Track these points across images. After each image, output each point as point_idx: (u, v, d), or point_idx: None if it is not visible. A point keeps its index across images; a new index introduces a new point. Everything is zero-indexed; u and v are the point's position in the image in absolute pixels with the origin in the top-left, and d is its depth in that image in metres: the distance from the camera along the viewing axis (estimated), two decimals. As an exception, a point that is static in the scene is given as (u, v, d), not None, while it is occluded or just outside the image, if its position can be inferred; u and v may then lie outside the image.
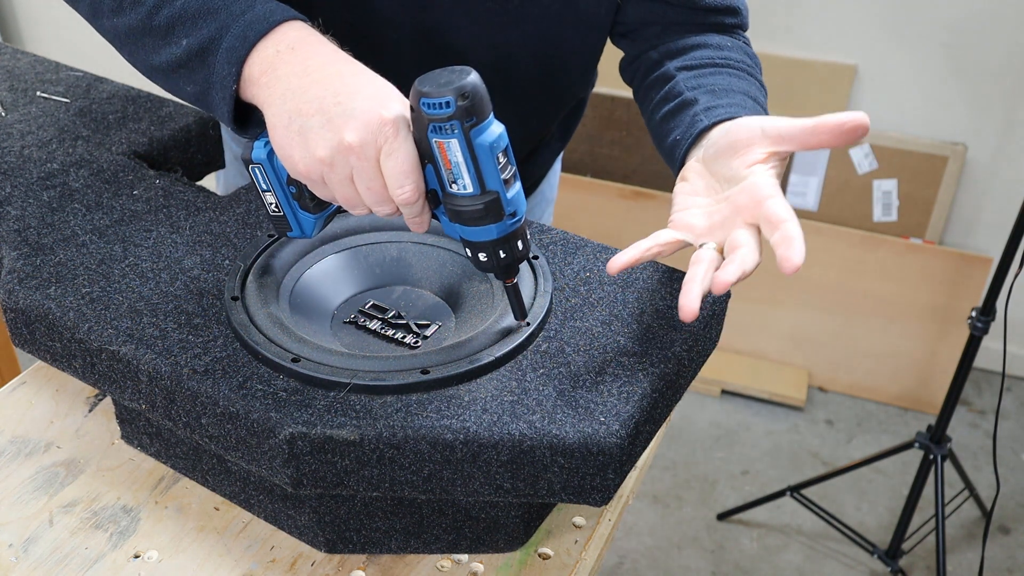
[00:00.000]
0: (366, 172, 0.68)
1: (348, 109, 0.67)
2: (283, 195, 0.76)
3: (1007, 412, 2.49)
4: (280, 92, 0.69)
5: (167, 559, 0.76)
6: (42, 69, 1.16)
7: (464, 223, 0.69)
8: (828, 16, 2.33)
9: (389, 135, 0.66)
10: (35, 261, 0.82)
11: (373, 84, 0.69)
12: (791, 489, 2.09)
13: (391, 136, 0.66)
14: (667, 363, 0.73)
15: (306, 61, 0.70)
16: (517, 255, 0.72)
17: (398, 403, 0.68)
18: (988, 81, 2.28)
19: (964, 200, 2.43)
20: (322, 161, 0.68)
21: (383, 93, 0.68)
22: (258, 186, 0.76)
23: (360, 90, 0.68)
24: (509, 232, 0.70)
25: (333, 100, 0.67)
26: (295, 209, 0.77)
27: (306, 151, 0.68)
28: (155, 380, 0.72)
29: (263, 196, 0.76)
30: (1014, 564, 2.09)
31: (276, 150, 0.71)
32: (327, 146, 0.67)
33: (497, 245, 0.70)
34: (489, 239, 0.70)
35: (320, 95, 0.68)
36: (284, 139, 0.69)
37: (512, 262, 0.72)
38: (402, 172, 0.67)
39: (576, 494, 0.69)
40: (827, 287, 2.47)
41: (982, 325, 1.77)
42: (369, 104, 0.67)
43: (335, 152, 0.67)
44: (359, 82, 0.69)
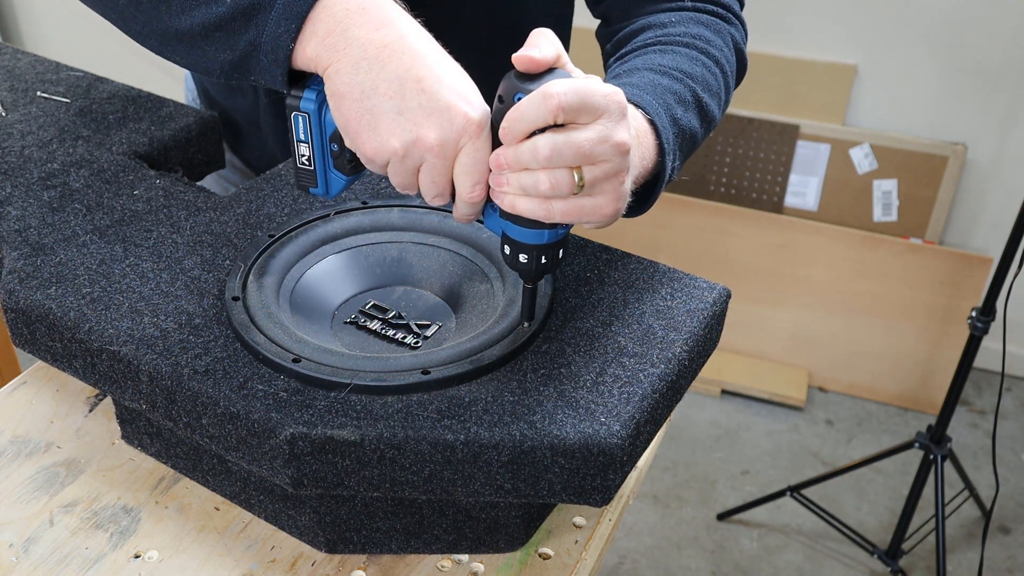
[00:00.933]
0: (438, 169, 0.65)
1: (432, 101, 0.63)
2: (320, 151, 0.72)
3: (1007, 412, 2.49)
4: (353, 59, 0.64)
5: (167, 559, 0.76)
6: (42, 69, 1.16)
7: (516, 223, 0.67)
8: (828, 16, 2.33)
9: (473, 135, 0.63)
10: (35, 261, 0.82)
11: (455, 74, 0.65)
12: (791, 489, 2.10)
13: (474, 137, 0.63)
14: (667, 363, 0.73)
15: (381, 28, 0.65)
16: (555, 262, 0.70)
17: (399, 403, 0.68)
18: (988, 81, 2.28)
19: (964, 200, 2.43)
20: (394, 151, 0.64)
21: (465, 87, 0.65)
22: (295, 135, 0.71)
23: (443, 79, 0.64)
24: (557, 240, 0.69)
25: (415, 86, 0.63)
26: (328, 167, 0.73)
27: (376, 135, 0.64)
28: (155, 380, 0.72)
29: (296, 146, 0.72)
30: (1014, 564, 2.09)
31: (339, 122, 0.66)
32: (403, 138, 0.64)
33: (542, 250, 0.69)
34: (538, 243, 0.68)
35: (401, 75, 0.63)
36: (353, 114, 0.65)
37: (548, 269, 0.70)
38: (477, 174, 0.64)
39: (576, 494, 0.69)
40: (827, 287, 2.47)
41: (982, 325, 1.77)
42: (454, 99, 0.63)
43: (411, 146, 0.64)
44: (442, 69, 0.64)
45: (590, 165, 0.63)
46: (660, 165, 0.77)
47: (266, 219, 0.88)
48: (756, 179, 2.52)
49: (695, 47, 0.86)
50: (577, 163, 0.62)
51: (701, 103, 0.82)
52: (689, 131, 0.81)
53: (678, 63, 0.83)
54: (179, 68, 1.07)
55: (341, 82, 0.65)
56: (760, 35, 2.41)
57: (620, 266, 0.83)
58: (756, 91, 2.45)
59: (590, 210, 0.65)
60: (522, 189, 0.64)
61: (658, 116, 0.76)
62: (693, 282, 0.81)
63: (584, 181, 0.63)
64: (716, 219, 2.50)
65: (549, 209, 0.64)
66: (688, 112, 0.80)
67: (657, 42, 0.87)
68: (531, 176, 0.63)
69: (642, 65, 0.83)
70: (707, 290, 0.81)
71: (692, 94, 0.81)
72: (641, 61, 0.84)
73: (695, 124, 0.81)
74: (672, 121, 0.78)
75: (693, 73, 0.83)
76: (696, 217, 2.52)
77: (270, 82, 0.70)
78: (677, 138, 0.78)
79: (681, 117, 0.79)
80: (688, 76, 0.82)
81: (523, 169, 0.63)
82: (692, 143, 0.82)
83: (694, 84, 0.82)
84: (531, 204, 0.64)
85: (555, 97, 0.60)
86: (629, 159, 0.65)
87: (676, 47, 0.86)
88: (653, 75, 0.81)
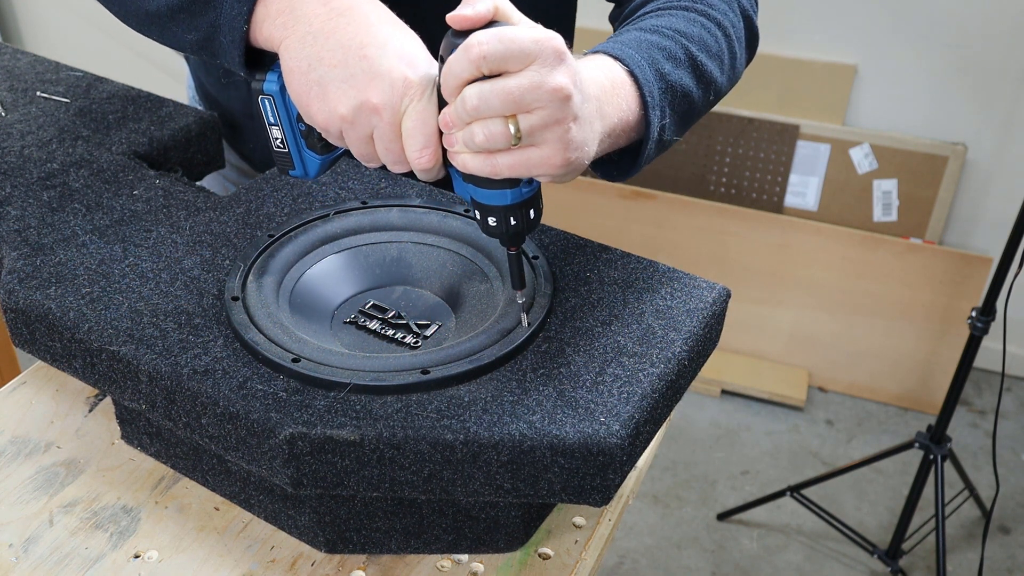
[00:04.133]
0: (388, 134, 0.65)
1: (373, 66, 0.64)
2: (291, 132, 0.73)
3: (1007, 412, 2.49)
4: (300, 34, 0.66)
5: (167, 559, 0.76)
6: (42, 69, 1.16)
7: (478, 185, 0.67)
8: (828, 16, 2.33)
9: (415, 96, 0.64)
10: (35, 261, 0.82)
11: (400, 39, 0.66)
12: (791, 489, 2.09)
13: (416, 97, 0.64)
14: (667, 363, 0.73)
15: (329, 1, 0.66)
16: (528, 223, 0.69)
17: (398, 403, 0.68)
18: (988, 81, 2.28)
19: (964, 200, 2.43)
20: (343, 118, 0.65)
21: (410, 49, 0.65)
22: (265, 119, 0.73)
23: (387, 44, 0.65)
24: (523, 199, 0.68)
25: (358, 52, 0.64)
26: (301, 148, 0.74)
27: (325, 104, 0.66)
28: (155, 380, 0.72)
29: (269, 129, 0.74)
30: (1014, 564, 2.09)
31: (292, 96, 0.68)
32: (349, 104, 0.65)
33: (509, 211, 0.68)
34: (502, 204, 0.68)
35: (345, 43, 0.64)
36: (302, 87, 0.66)
37: (522, 230, 0.69)
38: (423, 136, 0.65)
39: (576, 494, 0.69)
40: (827, 287, 2.47)
41: (982, 325, 1.77)
42: (395, 63, 0.64)
43: (357, 112, 0.65)
44: (386, 35, 0.65)
45: (525, 113, 0.61)
46: (645, 119, 0.74)
47: (266, 219, 0.88)
48: (756, 179, 2.52)
49: (694, 9, 0.85)
50: (509, 111, 0.61)
51: (696, 61, 0.80)
52: (681, 88, 0.78)
53: (672, 23, 0.81)
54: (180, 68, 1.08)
55: (290, 57, 0.66)
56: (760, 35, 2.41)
57: (620, 266, 0.83)
58: (756, 91, 2.45)
59: (537, 162, 0.64)
60: (464, 145, 0.63)
61: (639, 68, 0.74)
62: (693, 282, 0.81)
63: (521, 131, 0.62)
64: (716, 219, 2.50)
65: (494, 164, 0.63)
66: (680, 69, 0.78)
67: (657, 9, 0.86)
68: (468, 130, 0.63)
69: (635, 27, 0.82)
70: (707, 290, 0.81)
71: (685, 52, 0.79)
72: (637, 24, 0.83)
73: (688, 82, 0.79)
74: (658, 75, 0.76)
75: (688, 32, 0.81)
76: (696, 217, 2.52)
77: (231, 64, 0.71)
78: (665, 93, 0.76)
79: (670, 73, 0.77)
80: (681, 34, 0.80)
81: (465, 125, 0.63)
82: (687, 102, 0.79)
83: (687, 43, 0.80)
84: (476, 161, 0.64)
85: (476, 47, 0.60)
86: (571, 105, 0.62)
87: (675, 10, 0.85)
88: (641, 33, 0.79)
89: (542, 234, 0.87)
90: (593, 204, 2.59)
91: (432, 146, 0.65)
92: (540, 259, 0.82)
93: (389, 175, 0.95)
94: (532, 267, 0.81)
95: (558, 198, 2.59)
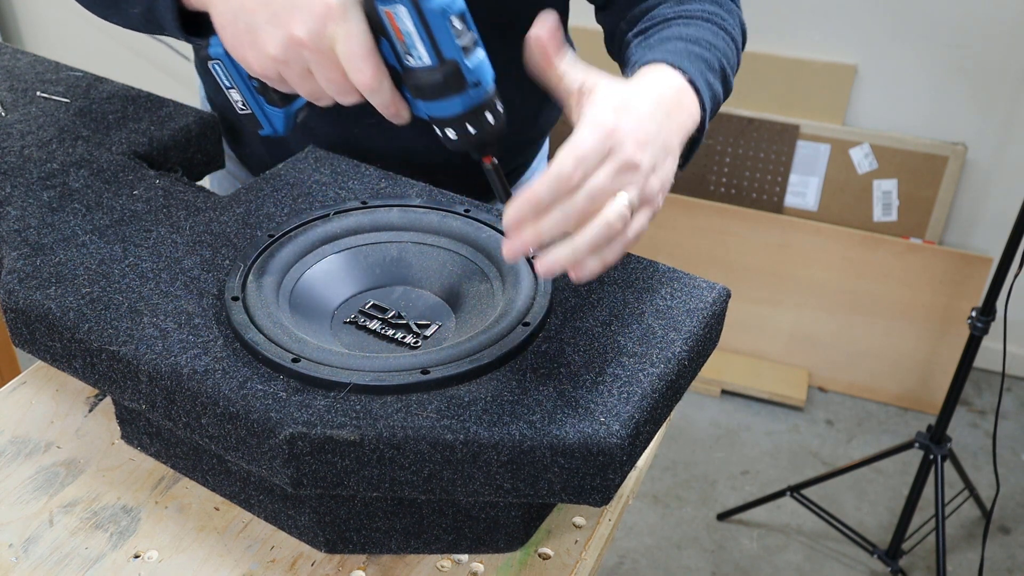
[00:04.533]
0: (322, 64, 0.66)
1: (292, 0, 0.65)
2: (247, 91, 0.74)
3: (1007, 412, 2.49)
4: None
5: (167, 559, 0.76)
6: (42, 69, 1.16)
7: (427, 98, 0.66)
8: (828, 16, 2.33)
9: (337, 19, 0.64)
10: (35, 261, 0.82)
11: None
12: (791, 489, 2.09)
13: (339, 20, 0.64)
14: (667, 363, 0.73)
15: None
16: (489, 129, 0.68)
17: (398, 403, 0.68)
18: (988, 81, 2.28)
19: (964, 200, 2.43)
20: (275, 59, 0.66)
21: None
22: (222, 84, 0.74)
23: None
24: (476, 104, 0.67)
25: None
26: (262, 104, 0.75)
27: (257, 50, 0.66)
28: (155, 380, 0.72)
29: (228, 94, 0.75)
30: (1014, 564, 2.09)
31: (229, 51, 0.69)
32: (277, 43, 0.65)
33: (464, 119, 0.67)
34: (454, 113, 0.66)
35: None
36: (233, 39, 0.67)
37: (484, 137, 0.68)
38: (357, 56, 0.65)
39: (576, 494, 0.69)
40: (827, 287, 2.47)
41: (982, 325, 1.77)
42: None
43: (287, 48, 0.66)
44: None
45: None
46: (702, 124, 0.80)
47: (266, 219, 0.88)
48: (756, 179, 2.52)
49: (713, 22, 0.89)
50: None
51: (725, 73, 0.87)
52: (716, 98, 0.85)
53: (703, 35, 0.86)
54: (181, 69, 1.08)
55: (218, 13, 0.68)
56: (760, 35, 2.41)
57: (620, 266, 0.83)
58: (756, 91, 2.45)
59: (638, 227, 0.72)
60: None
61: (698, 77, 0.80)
62: (693, 282, 0.81)
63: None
64: (716, 219, 2.50)
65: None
66: (717, 80, 0.85)
67: (678, 16, 0.90)
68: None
69: (672, 36, 0.86)
70: (707, 290, 0.81)
71: (719, 63, 0.85)
72: (670, 32, 0.87)
73: (719, 91, 0.86)
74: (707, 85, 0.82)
75: (717, 45, 0.86)
76: (696, 217, 2.52)
77: (173, 31, 0.73)
78: (711, 101, 0.82)
79: (713, 83, 0.83)
80: (714, 47, 0.86)
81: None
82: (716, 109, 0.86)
83: (720, 55, 0.86)
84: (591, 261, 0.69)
85: None
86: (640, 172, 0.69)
87: (699, 21, 0.89)
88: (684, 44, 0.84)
89: (542, 234, 0.87)
90: (593, 204, 2.59)
91: (370, 61, 0.65)
92: (540, 259, 0.82)
93: (389, 176, 0.95)
94: (532, 267, 0.81)
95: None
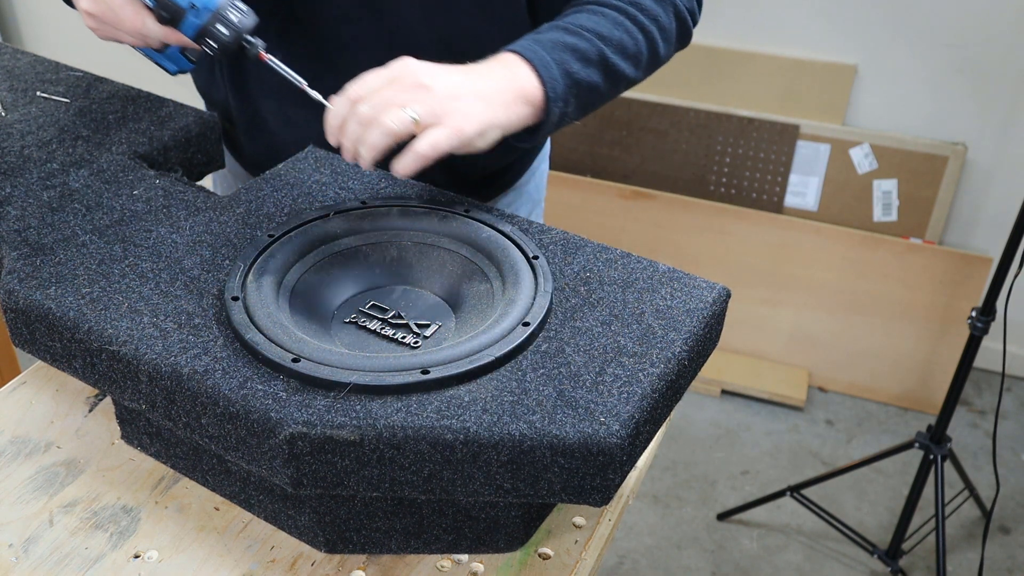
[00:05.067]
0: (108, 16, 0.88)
1: None
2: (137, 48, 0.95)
3: (1007, 412, 2.49)
4: None
5: (167, 559, 0.76)
6: (42, 69, 1.16)
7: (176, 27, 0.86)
8: (828, 16, 2.33)
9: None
10: (35, 261, 0.82)
11: None
12: (791, 489, 2.09)
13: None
14: (667, 363, 0.73)
15: None
16: (228, 36, 0.85)
17: (398, 403, 0.68)
18: (988, 81, 2.28)
19: (964, 200, 2.43)
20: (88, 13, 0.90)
21: None
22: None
23: None
24: (202, 26, 0.85)
25: None
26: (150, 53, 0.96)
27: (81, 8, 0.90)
28: (155, 380, 0.72)
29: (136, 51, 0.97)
30: (1014, 564, 2.09)
31: None
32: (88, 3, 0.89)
33: (202, 40, 0.86)
34: (194, 32, 0.86)
35: None
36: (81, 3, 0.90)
37: (230, 42, 0.86)
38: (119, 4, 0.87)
39: (576, 494, 0.69)
40: (827, 287, 2.47)
41: (982, 325, 1.77)
42: None
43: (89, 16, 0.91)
44: None
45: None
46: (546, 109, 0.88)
47: (266, 219, 0.88)
48: (756, 179, 2.52)
49: (624, 12, 0.95)
50: None
51: (608, 62, 0.92)
52: (588, 84, 0.91)
53: (594, 25, 0.93)
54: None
55: None
56: (760, 35, 2.41)
57: (620, 266, 0.83)
58: (756, 91, 2.45)
59: None
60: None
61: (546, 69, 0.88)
62: (693, 282, 0.81)
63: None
64: (716, 219, 2.50)
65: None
66: (589, 67, 0.91)
67: (588, 3, 0.96)
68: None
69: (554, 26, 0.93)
70: (707, 290, 0.81)
71: (599, 53, 0.91)
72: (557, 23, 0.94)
73: (596, 79, 0.92)
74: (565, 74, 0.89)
75: (608, 36, 0.92)
76: (696, 217, 2.52)
77: None
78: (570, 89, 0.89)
79: (578, 72, 0.90)
80: (600, 37, 0.92)
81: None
82: (593, 95, 0.93)
83: (603, 45, 0.92)
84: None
85: None
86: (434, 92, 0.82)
87: (606, 9, 0.95)
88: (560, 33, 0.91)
89: (542, 234, 0.87)
90: (593, 204, 2.59)
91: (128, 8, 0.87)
92: (540, 259, 0.82)
93: (389, 176, 0.95)
94: (532, 267, 0.81)
95: (558, 198, 2.59)
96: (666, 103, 2.49)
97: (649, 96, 2.50)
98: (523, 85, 0.86)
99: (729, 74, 2.45)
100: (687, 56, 2.51)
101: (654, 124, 2.53)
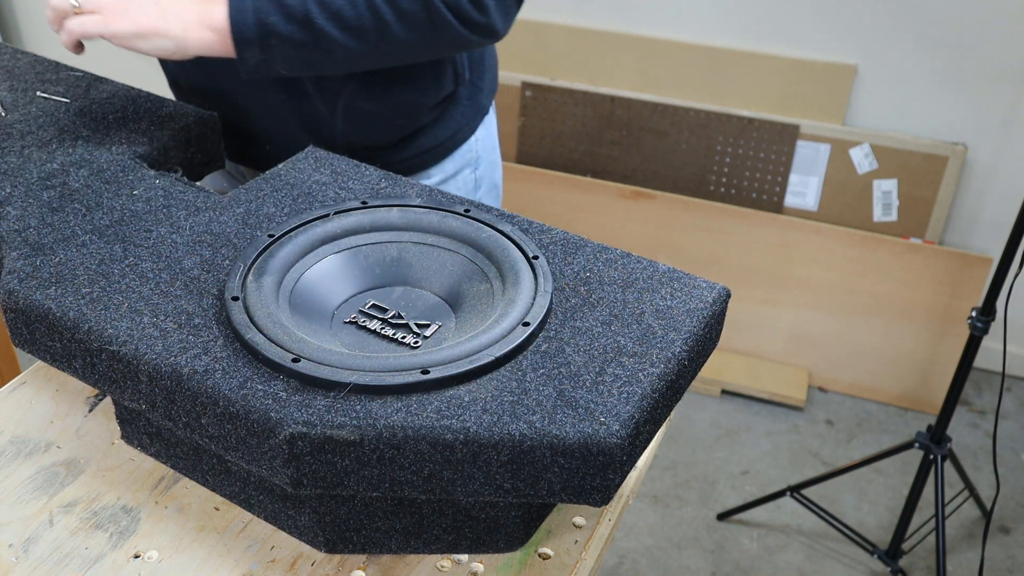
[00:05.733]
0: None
1: None
2: None
3: (1007, 412, 2.49)
4: None
5: (167, 559, 0.76)
6: (42, 69, 1.16)
7: None
8: (828, 16, 2.33)
9: None
10: (35, 261, 0.82)
11: None
12: (791, 489, 2.09)
13: None
14: (667, 363, 0.73)
15: None
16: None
17: (398, 403, 0.68)
18: (988, 81, 2.28)
19: (964, 200, 2.43)
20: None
21: None
22: None
23: None
24: None
25: None
26: None
27: None
28: (155, 380, 0.72)
29: None
30: (1014, 564, 2.09)
31: None
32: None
33: None
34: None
35: None
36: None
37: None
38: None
39: (576, 494, 0.69)
40: (827, 287, 2.47)
41: (982, 325, 1.77)
42: None
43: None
44: None
45: None
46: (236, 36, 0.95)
47: (266, 219, 0.88)
48: (756, 179, 2.52)
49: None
50: None
51: (312, 23, 0.96)
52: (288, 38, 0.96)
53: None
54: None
55: None
56: (760, 35, 2.41)
57: (620, 266, 0.83)
58: (756, 91, 2.45)
59: None
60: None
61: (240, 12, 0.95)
62: (693, 282, 0.81)
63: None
64: (716, 219, 2.50)
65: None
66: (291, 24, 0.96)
67: None
68: None
69: None
70: (707, 290, 0.81)
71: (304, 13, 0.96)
72: None
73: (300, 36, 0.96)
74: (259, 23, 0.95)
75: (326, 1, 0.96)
76: (696, 217, 2.52)
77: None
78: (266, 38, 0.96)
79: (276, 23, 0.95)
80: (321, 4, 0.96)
81: None
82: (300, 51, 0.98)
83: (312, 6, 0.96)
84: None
85: None
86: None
87: None
88: None
89: (542, 234, 0.87)
90: (593, 204, 2.59)
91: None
92: (540, 259, 0.82)
93: (389, 176, 0.95)
94: (532, 267, 0.81)
95: (558, 198, 2.59)
96: (666, 103, 2.49)
97: (649, 96, 2.50)
98: (212, 15, 0.95)
99: (729, 74, 2.45)
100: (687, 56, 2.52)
101: (654, 124, 2.53)
